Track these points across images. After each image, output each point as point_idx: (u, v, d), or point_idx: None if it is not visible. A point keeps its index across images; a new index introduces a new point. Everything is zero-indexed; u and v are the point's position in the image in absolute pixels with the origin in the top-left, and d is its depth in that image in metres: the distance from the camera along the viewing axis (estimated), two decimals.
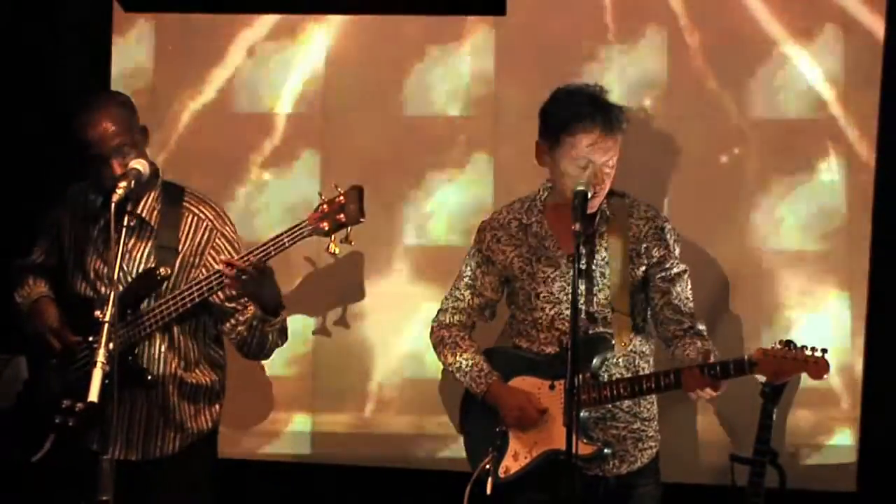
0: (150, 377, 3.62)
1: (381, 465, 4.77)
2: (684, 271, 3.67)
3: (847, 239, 4.44)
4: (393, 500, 4.80)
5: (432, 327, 3.89)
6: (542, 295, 3.64)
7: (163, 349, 3.66)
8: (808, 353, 3.35)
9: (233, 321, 3.65)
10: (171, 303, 3.57)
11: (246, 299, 3.59)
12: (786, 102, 4.43)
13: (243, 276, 3.43)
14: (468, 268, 3.81)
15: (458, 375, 3.77)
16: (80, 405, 3.09)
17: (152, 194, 3.67)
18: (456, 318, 3.83)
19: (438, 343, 3.84)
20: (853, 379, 4.48)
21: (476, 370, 3.71)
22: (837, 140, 4.40)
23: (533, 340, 3.70)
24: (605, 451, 3.55)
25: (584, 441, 3.48)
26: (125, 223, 3.34)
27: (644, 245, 3.60)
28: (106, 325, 3.13)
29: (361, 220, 3.45)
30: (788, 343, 3.52)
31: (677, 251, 3.67)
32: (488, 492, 3.58)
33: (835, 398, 4.49)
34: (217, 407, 3.81)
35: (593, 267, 3.58)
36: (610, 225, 3.61)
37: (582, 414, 3.50)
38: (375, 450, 4.77)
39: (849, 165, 4.39)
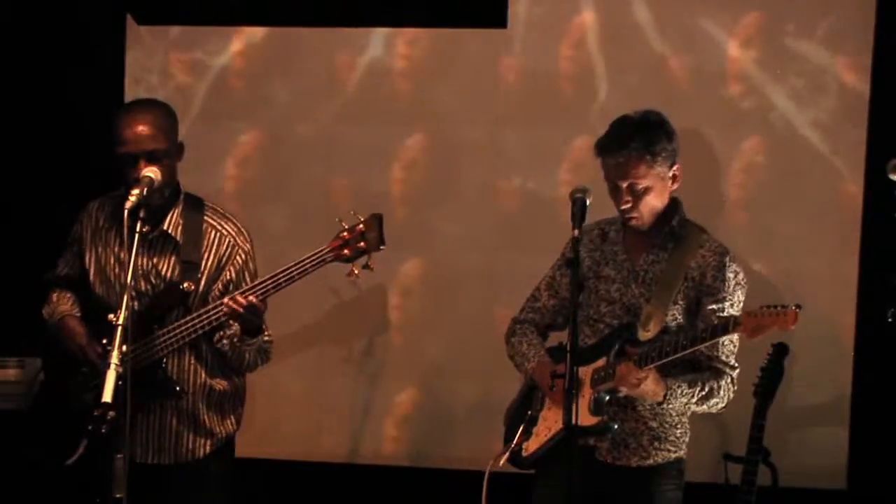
0: (178, 388, 3.65)
1: (386, 464, 4.86)
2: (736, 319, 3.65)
3: (839, 253, 4.60)
4: (399, 500, 4.87)
5: (510, 322, 3.97)
6: (600, 293, 3.73)
7: (192, 360, 3.69)
8: (781, 307, 3.35)
9: (220, 334, 3.67)
10: (183, 328, 3.58)
11: None
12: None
13: (244, 311, 3.50)
14: (551, 270, 3.90)
15: (516, 359, 3.86)
16: (111, 413, 3.12)
17: (176, 210, 3.68)
18: (530, 315, 3.91)
19: (509, 334, 3.93)
20: (843, 380, 4.58)
21: (532, 352, 3.80)
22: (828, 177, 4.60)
23: (581, 333, 3.77)
24: (611, 424, 3.58)
25: (592, 414, 3.57)
26: (138, 229, 3.33)
27: (702, 272, 3.64)
28: (119, 328, 3.18)
29: (382, 247, 3.47)
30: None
31: (737, 295, 3.62)
32: (500, 464, 3.70)
33: (826, 399, 4.59)
34: (240, 410, 3.84)
35: (651, 276, 3.67)
36: (678, 245, 3.67)
37: (604, 396, 3.58)
38: (379, 449, 4.87)
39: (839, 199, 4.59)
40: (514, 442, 3.74)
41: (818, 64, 4.58)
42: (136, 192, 3.37)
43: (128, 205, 3.33)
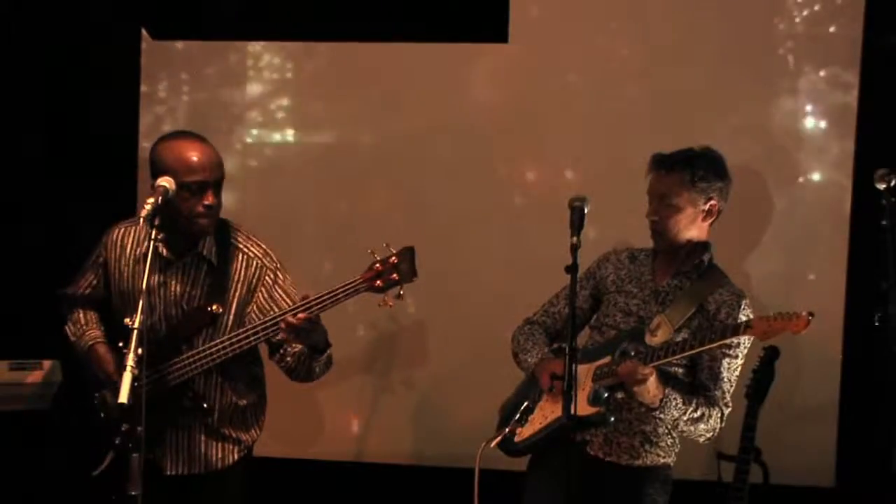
0: (204, 406, 3.70)
1: (390, 463, 4.94)
2: (740, 358, 3.74)
3: (828, 258, 4.70)
4: (402, 498, 4.95)
5: (521, 321, 4.04)
6: (619, 304, 3.84)
7: (219, 380, 3.73)
8: (794, 313, 3.45)
9: (281, 352, 3.73)
10: (226, 344, 3.60)
11: None
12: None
13: (298, 331, 3.54)
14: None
15: (520, 355, 3.93)
16: (139, 429, 3.18)
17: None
18: (543, 318, 4.00)
19: (516, 332, 4.01)
20: (832, 382, 4.68)
21: (537, 350, 3.88)
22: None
23: (592, 339, 3.90)
24: (608, 415, 3.64)
25: (590, 405, 3.65)
26: (154, 236, 3.33)
27: (718, 307, 3.73)
28: (135, 332, 3.21)
29: (414, 278, 3.48)
30: None
31: (745, 339, 3.69)
32: (492, 445, 3.75)
33: (815, 400, 4.68)
34: (263, 417, 3.91)
35: (671, 297, 3.77)
36: (702, 278, 3.78)
37: (604, 392, 3.66)
38: (382, 448, 4.96)
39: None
40: (510, 427, 3.79)
41: (809, 77, 4.69)
42: (151, 200, 3.37)
43: (143, 212, 3.33)
